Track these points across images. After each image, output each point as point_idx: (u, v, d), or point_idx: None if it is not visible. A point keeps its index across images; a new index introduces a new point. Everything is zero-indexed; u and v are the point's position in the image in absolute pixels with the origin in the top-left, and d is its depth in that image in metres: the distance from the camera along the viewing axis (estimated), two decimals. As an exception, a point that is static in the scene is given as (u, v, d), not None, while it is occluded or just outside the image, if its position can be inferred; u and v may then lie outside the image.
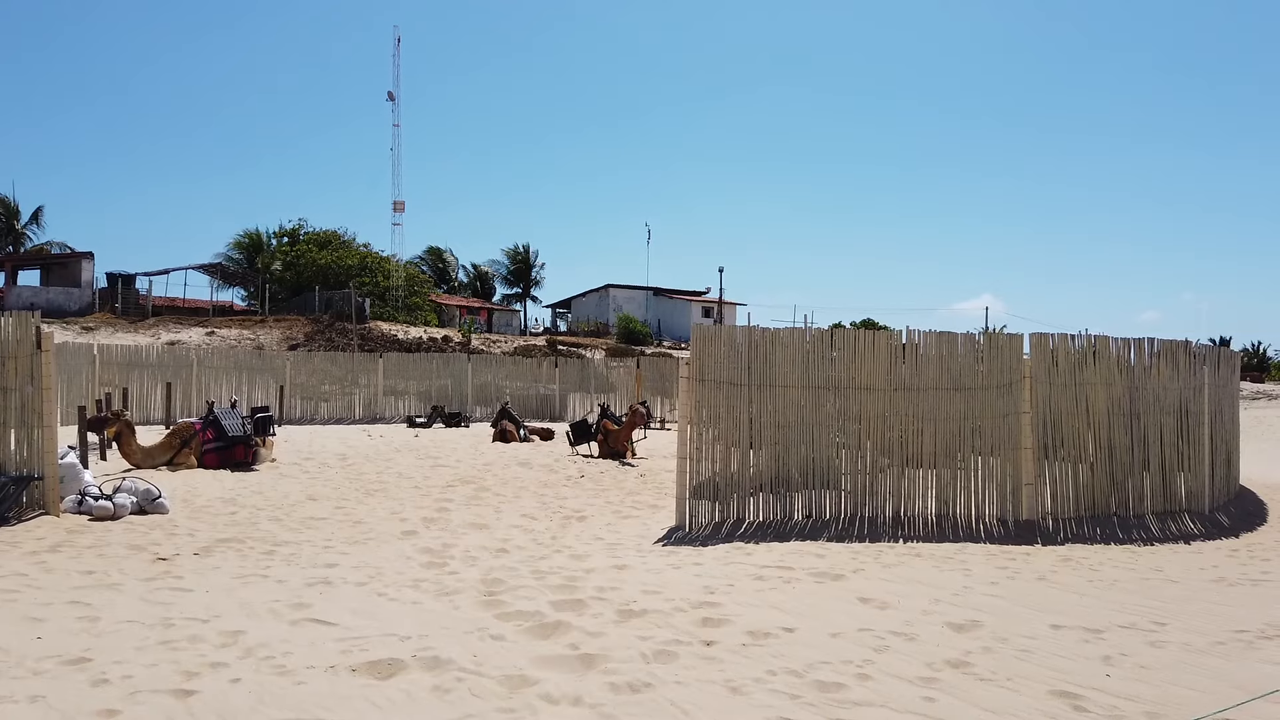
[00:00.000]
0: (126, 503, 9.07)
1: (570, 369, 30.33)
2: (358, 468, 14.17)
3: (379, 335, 40.71)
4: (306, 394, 26.60)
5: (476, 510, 10.08)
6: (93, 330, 37.19)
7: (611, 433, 16.62)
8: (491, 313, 58.90)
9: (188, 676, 4.21)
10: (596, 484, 12.78)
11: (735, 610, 5.64)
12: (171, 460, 13.12)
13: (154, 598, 5.78)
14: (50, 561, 6.91)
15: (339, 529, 8.69)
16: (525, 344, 45.17)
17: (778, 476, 9.10)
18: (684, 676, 4.36)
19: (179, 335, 37.95)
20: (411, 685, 4.19)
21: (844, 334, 9.50)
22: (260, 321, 42.47)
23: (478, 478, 13.13)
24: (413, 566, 6.96)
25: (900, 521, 9.05)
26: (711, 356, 9.07)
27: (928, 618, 5.62)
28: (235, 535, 8.20)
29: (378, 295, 48.99)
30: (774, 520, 8.93)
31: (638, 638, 5.01)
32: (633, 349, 45.11)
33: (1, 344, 9.12)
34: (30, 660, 4.41)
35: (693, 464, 8.89)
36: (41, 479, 8.93)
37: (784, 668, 4.53)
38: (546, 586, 6.25)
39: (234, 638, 4.86)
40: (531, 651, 4.75)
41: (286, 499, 10.59)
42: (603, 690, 4.16)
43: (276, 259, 52.49)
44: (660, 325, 58.98)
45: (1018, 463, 9.40)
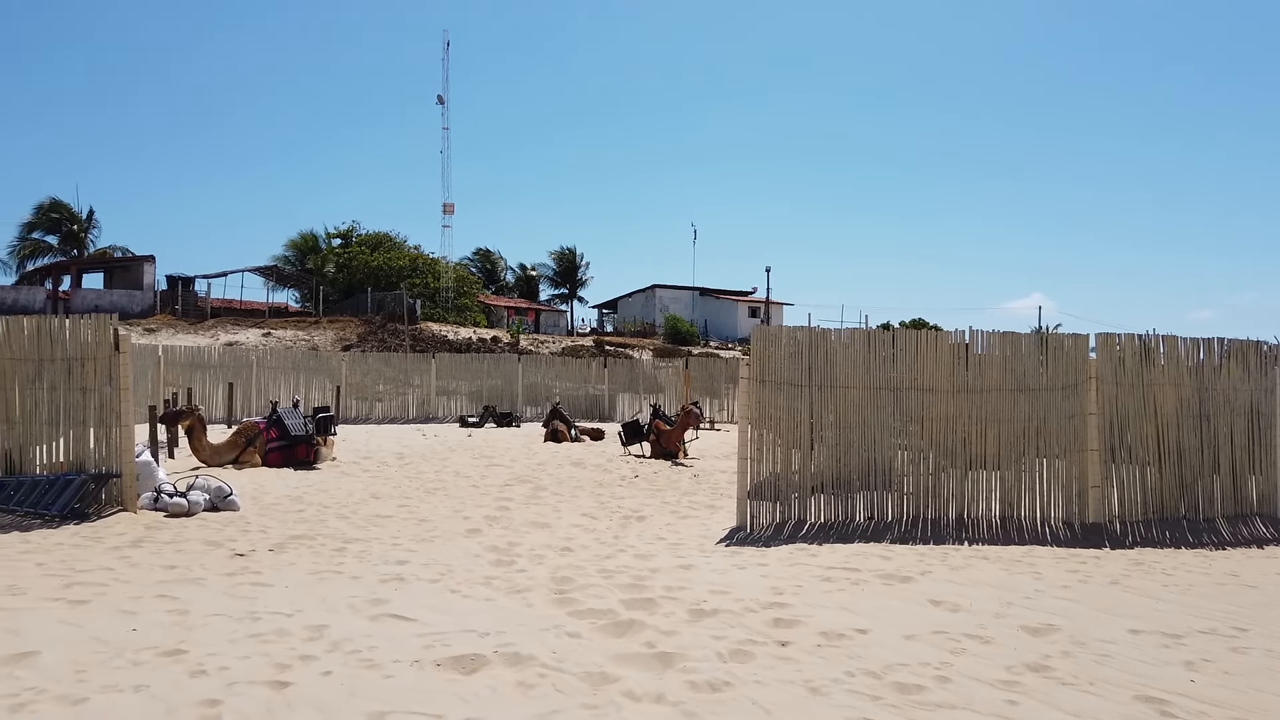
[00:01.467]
0: (200, 500, 9.33)
1: (619, 369, 30.44)
2: (416, 466, 14.39)
3: (429, 336, 41.21)
4: (361, 394, 27.04)
5: (536, 509, 10.19)
6: (154, 332, 38.19)
7: (664, 433, 16.66)
8: (539, 313, 59.33)
9: (280, 669, 4.34)
10: (651, 484, 12.83)
11: (806, 611, 5.65)
12: (237, 459, 13.44)
13: (237, 592, 5.96)
14: (134, 556, 7.14)
15: (405, 527, 8.85)
16: (573, 344, 45.41)
17: (838, 478, 9.07)
18: (763, 676, 4.39)
19: (236, 336, 38.80)
20: (495, 680, 4.27)
21: (905, 335, 9.44)
22: (314, 322, 43.26)
23: (533, 477, 13.25)
24: (482, 564, 7.07)
25: (964, 524, 8.97)
26: (772, 357, 9.08)
27: (1001, 621, 5.58)
28: (306, 532, 8.39)
29: (428, 296, 49.61)
30: (836, 522, 8.91)
31: (712, 637, 5.05)
32: (680, 349, 45.12)
33: (81, 346, 9.44)
34: (129, 652, 4.58)
35: (753, 465, 8.90)
36: (119, 476, 9.22)
37: (861, 669, 4.54)
38: (615, 585, 6.31)
39: (319, 632, 5.00)
40: (608, 649, 4.82)
41: (351, 497, 10.80)
42: (683, 688, 4.21)
43: (329, 261, 53.42)
44: (707, 325, 58.90)
45: (1084, 465, 9.26)
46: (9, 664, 4.39)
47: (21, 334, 9.74)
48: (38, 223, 53.41)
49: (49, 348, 9.56)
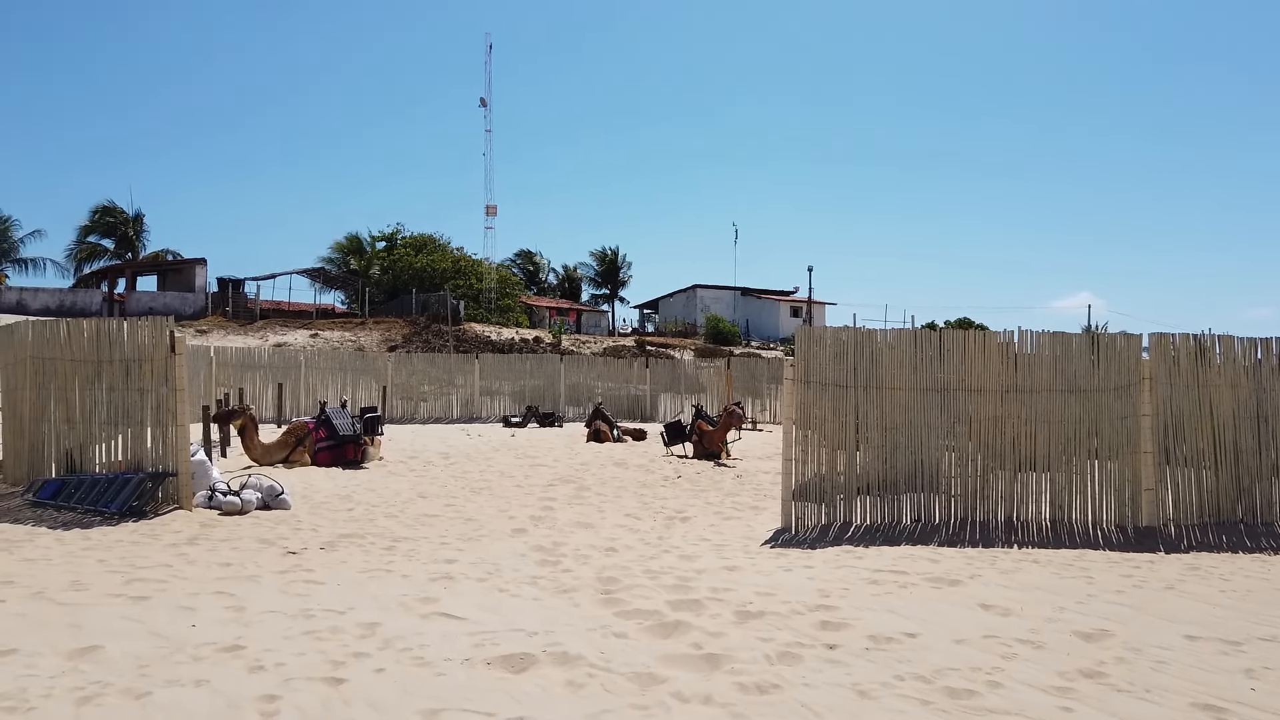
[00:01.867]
0: (253, 498, 9.52)
1: (660, 369, 30.44)
2: (461, 466, 14.54)
3: (472, 336, 41.59)
4: (406, 394, 27.36)
5: (580, 509, 10.25)
6: (206, 333, 39.02)
7: (706, 433, 16.64)
8: (580, 314, 59.56)
9: (335, 665, 4.43)
10: (694, 485, 12.83)
11: (853, 614, 5.62)
12: (287, 458, 13.69)
13: (290, 590, 6.08)
14: (190, 554, 7.32)
15: (452, 526, 8.95)
16: (614, 344, 45.53)
17: (884, 479, 9.00)
18: (811, 679, 4.38)
19: (285, 337, 39.48)
20: (544, 680, 4.32)
21: (952, 335, 9.34)
22: (360, 323, 43.88)
23: (577, 477, 13.31)
24: (528, 564, 7.13)
25: (1014, 526, 8.85)
26: (816, 358, 9.03)
27: (1054, 626, 5.50)
28: (355, 531, 8.53)
29: (471, 297, 50.09)
30: (882, 524, 8.84)
31: (759, 639, 5.04)
32: (721, 349, 45.01)
33: (139, 348, 9.69)
34: (189, 647, 4.70)
35: (798, 466, 8.87)
36: (176, 475, 9.44)
37: (911, 673, 4.50)
38: (661, 586, 6.33)
39: (371, 629, 5.09)
40: (656, 650, 4.84)
41: (398, 496, 10.95)
42: (731, 690, 4.22)
43: (375, 263, 54.15)
44: (748, 325, 58.69)
45: (1137, 467, 9.09)
46: (75, 658, 4.53)
47: (81, 336, 10.04)
48: (93, 226, 54.89)
49: (108, 349, 9.82)
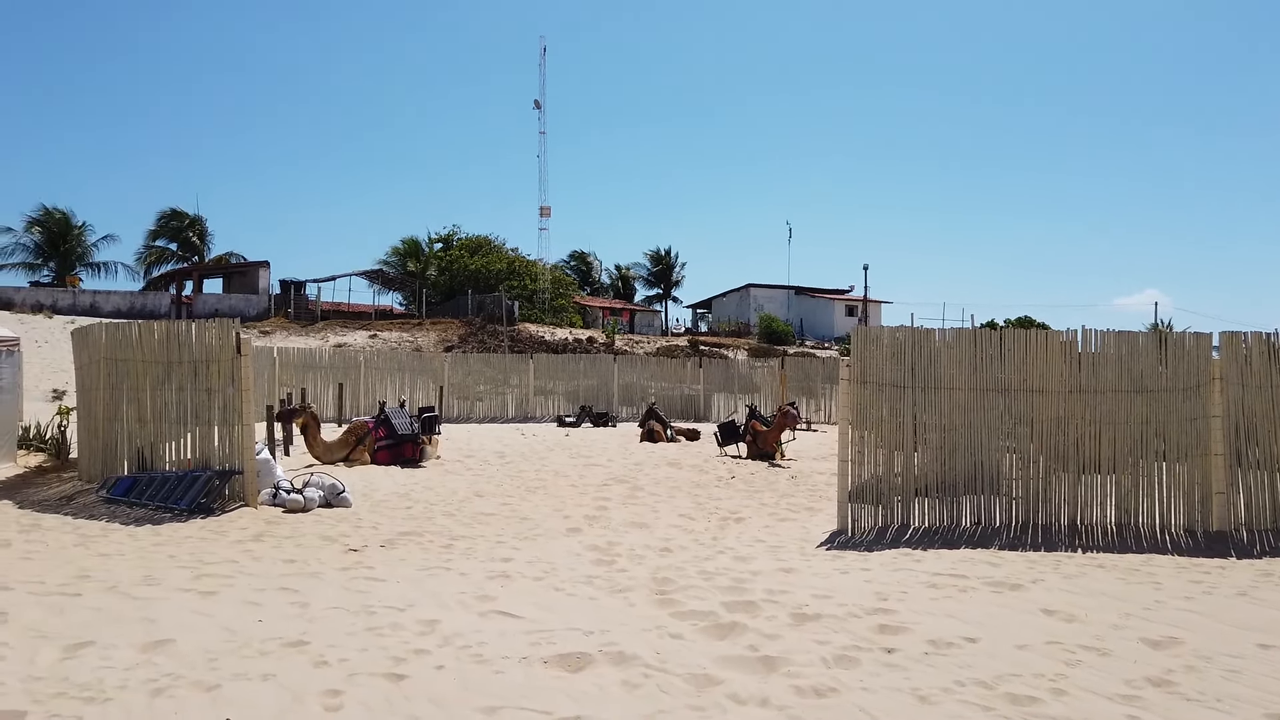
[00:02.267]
0: (315, 496, 9.73)
1: (714, 369, 30.36)
2: (516, 465, 14.67)
3: (527, 337, 41.94)
4: (462, 394, 27.69)
5: (634, 509, 10.27)
6: (269, 334, 39.96)
7: (760, 434, 16.54)
8: (633, 314, 59.68)
9: (396, 662, 4.51)
10: (748, 485, 12.77)
11: (912, 618, 5.56)
12: (348, 456, 13.95)
13: (352, 586, 6.20)
14: (255, 550, 7.51)
15: (508, 525, 9.05)
16: (667, 344, 45.53)
17: (943, 481, 8.87)
18: (869, 683, 4.34)
19: (345, 338, 40.26)
20: (601, 679, 4.35)
21: (1013, 334, 9.16)
22: (417, 324, 44.54)
23: (631, 477, 13.34)
24: (583, 563, 7.18)
25: (1077, 530, 8.66)
26: (873, 358, 8.94)
27: (1119, 632, 5.37)
28: (414, 529, 8.67)
29: (525, 298, 50.50)
30: (941, 526, 8.71)
31: (815, 642, 5.01)
32: (775, 349, 44.74)
33: (206, 349, 9.97)
34: (256, 642, 4.83)
35: (854, 467, 8.78)
36: (241, 473, 9.69)
37: (972, 678, 4.44)
38: (716, 587, 6.32)
39: (431, 626, 5.17)
40: (711, 651, 4.84)
41: (455, 495, 11.09)
42: (788, 693, 4.20)
43: (431, 264, 54.93)
44: (802, 324, 58.24)
45: (1206, 470, 8.82)
46: (148, 650, 4.68)
47: (152, 338, 10.36)
48: (160, 230, 56.56)
49: (177, 350, 10.13)
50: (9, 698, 3.98)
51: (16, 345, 12.95)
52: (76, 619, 5.26)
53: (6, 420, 12.62)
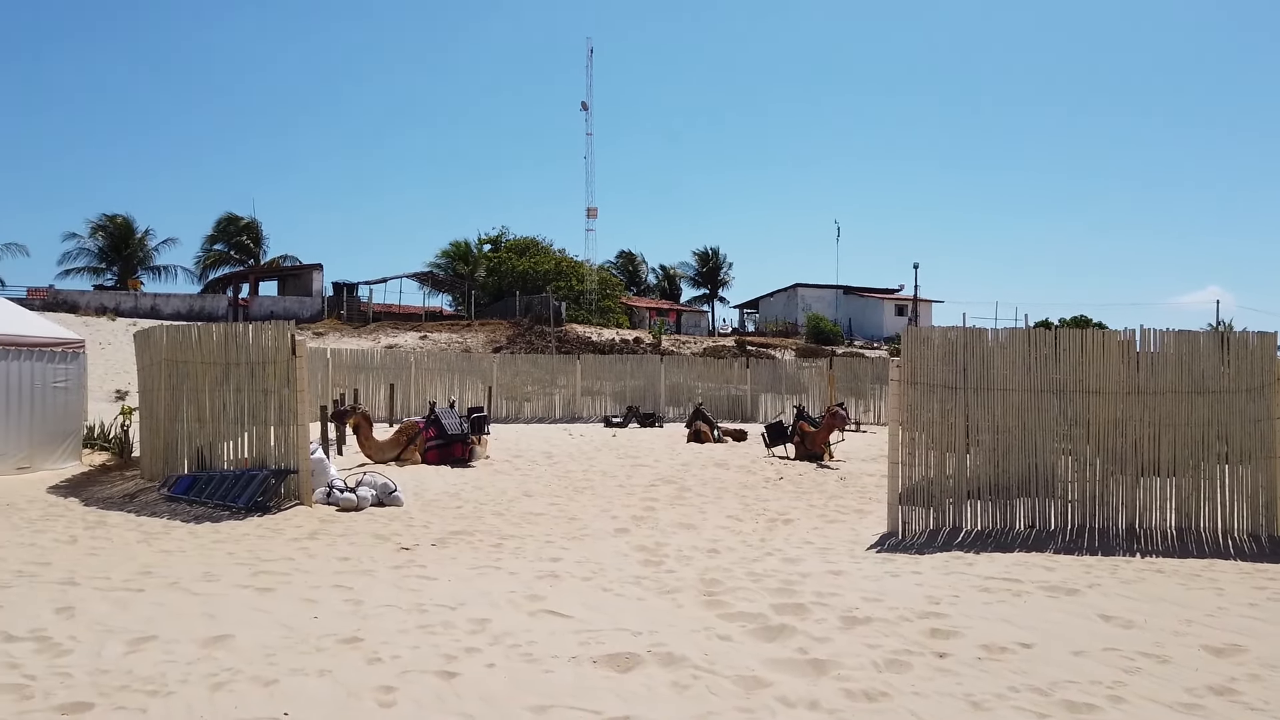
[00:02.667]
0: (368, 495, 9.90)
1: (761, 370, 30.23)
2: (564, 466, 14.75)
3: (574, 337, 42.14)
4: (510, 394, 27.92)
5: (682, 510, 10.27)
6: (322, 335, 40.69)
7: (808, 435, 16.43)
8: (680, 314, 59.63)
9: (448, 659, 4.57)
10: (797, 486, 12.69)
11: (964, 622, 5.48)
12: (399, 456, 14.16)
13: (404, 584, 6.30)
14: (311, 548, 7.66)
15: (556, 525, 9.10)
16: (714, 345, 45.43)
17: (996, 484, 8.73)
18: (921, 688, 4.29)
19: (395, 339, 40.83)
20: (650, 680, 4.36)
21: (1069, 334, 8.98)
22: (466, 325, 45.02)
23: (678, 478, 13.34)
24: (631, 564, 7.20)
25: (1135, 534, 8.46)
26: (924, 358, 8.83)
27: (1180, 639, 5.24)
28: (464, 528, 8.77)
29: (573, 299, 50.76)
30: (994, 529, 8.58)
31: (866, 645, 4.97)
32: (823, 349, 44.38)
33: (263, 351, 10.19)
34: (312, 638, 4.93)
35: (905, 469, 8.68)
36: (296, 472, 9.89)
37: (1026, 684, 4.36)
38: (764, 589, 6.30)
39: (481, 625, 5.23)
40: (760, 653, 4.82)
41: (504, 495, 11.19)
42: (838, 696, 4.17)
43: (480, 265, 55.48)
44: (851, 324, 57.68)
45: (1272, 473, 8.55)
46: (209, 645, 4.80)
47: (211, 340, 10.62)
48: (218, 235, 57.90)
49: (234, 352, 10.37)
50: (77, 690, 4.11)
51: (81, 347, 13.35)
52: (140, 614, 5.42)
53: (72, 420, 13.02)
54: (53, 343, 12.83)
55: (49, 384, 12.55)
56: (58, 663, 4.48)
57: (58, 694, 4.05)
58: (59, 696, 4.02)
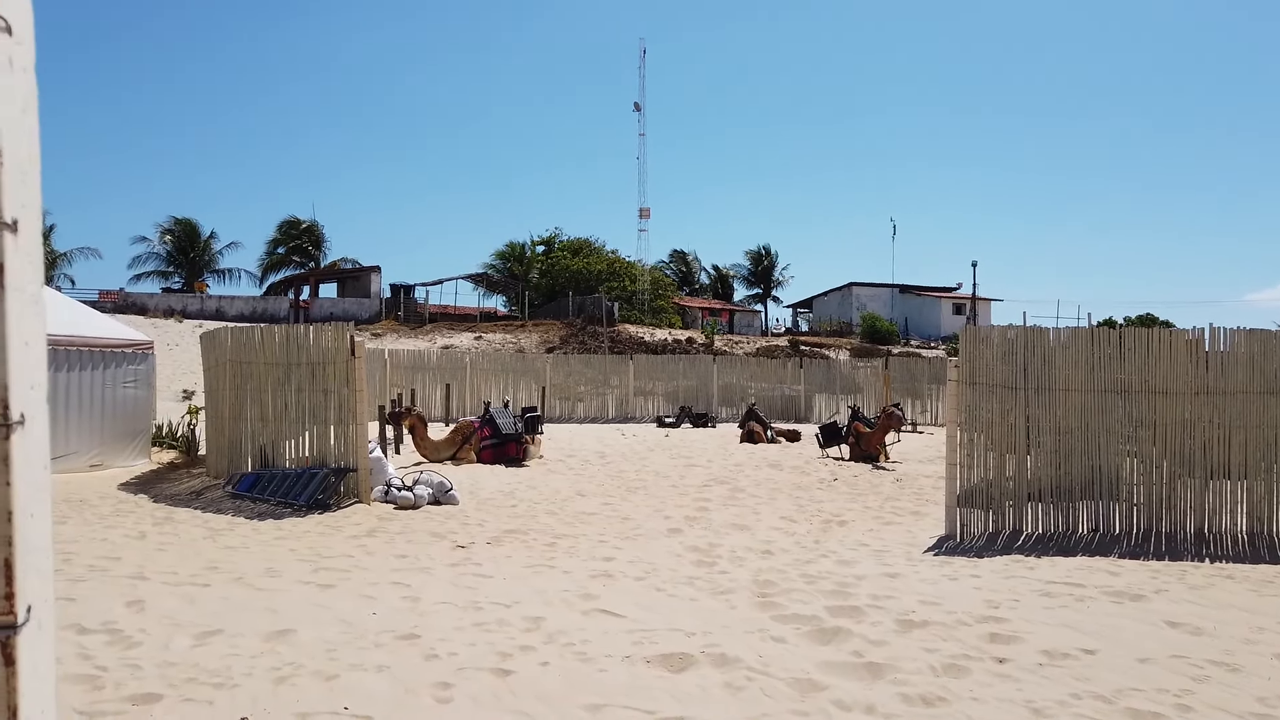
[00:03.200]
0: (424, 494, 10.04)
1: (815, 370, 29.98)
2: (617, 465, 14.80)
3: (626, 337, 42.25)
4: (563, 394, 28.10)
5: (735, 511, 10.24)
6: (380, 336, 41.38)
7: (864, 435, 16.24)
8: (732, 314, 59.42)
9: (503, 657, 4.62)
10: (852, 488, 12.56)
11: (1025, 627, 5.37)
12: (454, 455, 14.34)
13: (460, 582, 6.38)
14: (369, 545, 7.80)
15: (609, 524, 9.14)
16: (767, 344, 45.18)
17: (1058, 486, 8.55)
18: (980, 693, 4.22)
19: (451, 340, 41.36)
20: (704, 680, 4.35)
21: (1133, 333, 8.75)
22: (520, 326, 45.42)
23: (731, 478, 13.29)
24: (684, 564, 7.20)
25: (1204, 539, 8.21)
26: (982, 358, 8.67)
27: (1251, 648, 5.07)
28: (518, 527, 8.85)
29: (625, 299, 50.91)
30: (1055, 533, 8.40)
31: (923, 649, 4.90)
32: (878, 348, 43.85)
33: (323, 352, 10.40)
34: (371, 634, 5.03)
35: (963, 470, 8.54)
36: (355, 471, 10.07)
37: (1089, 691, 4.26)
38: (819, 591, 6.25)
39: (536, 623, 5.28)
40: (814, 656, 4.79)
41: (558, 494, 11.27)
42: (894, 700, 4.12)
43: (534, 267, 55.95)
44: (907, 323, 56.91)
45: (1351, 477, 8.24)
46: (272, 640, 4.92)
47: (273, 341, 10.88)
48: (280, 238, 59.24)
49: (296, 353, 10.61)
50: (146, 681, 4.25)
51: (150, 348, 13.78)
52: (206, 608, 5.57)
53: (142, 419, 13.44)
54: (123, 344, 13.26)
55: (120, 384, 12.96)
56: (128, 654, 4.63)
57: (128, 685, 4.19)
58: (129, 687, 4.15)
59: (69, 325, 12.62)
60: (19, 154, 0.72)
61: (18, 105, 0.73)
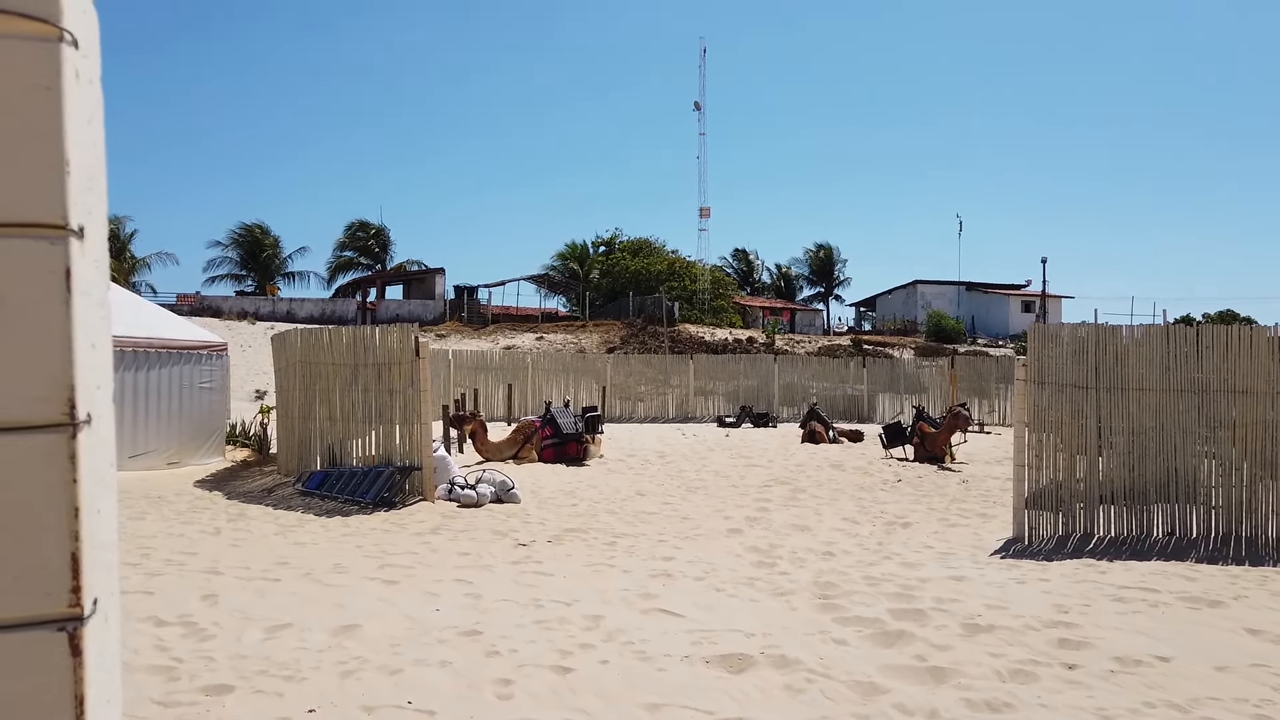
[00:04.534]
0: (487, 492, 10.17)
1: (878, 369, 29.56)
2: (677, 465, 14.79)
3: (687, 337, 42.20)
4: (624, 394, 28.19)
5: (796, 511, 10.15)
6: (444, 337, 42.03)
7: (928, 436, 15.96)
8: (794, 313, 58.92)
9: (563, 655, 4.66)
10: (916, 489, 12.35)
11: (1095, 633, 5.22)
12: (516, 454, 14.50)
13: (522, 580, 6.45)
14: (433, 543, 7.93)
15: (669, 524, 9.14)
16: (829, 344, 44.70)
17: (1131, 488, 8.29)
18: (1048, 700, 4.11)
19: (513, 340, 41.82)
20: (763, 681, 4.33)
21: (1212, 330, 8.44)
22: (581, 326, 45.69)
23: (792, 478, 13.18)
24: (744, 565, 7.16)
25: (1288, 544, 7.89)
26: (1052, 357, 8.46)
27: (1339, 659, 4.85)
28: (579, 526, 8.90)
29: (685, 299, 50.84)
30: (1128, 536, 8.14)
31: (988, 654, 4.80)
32: (944, 347, 43.06)
33: (389, 352, 10.60)
34: (434, 630, 5.11)
35: (1031, 472, 8.34)
36: (420, 469, 10.25)
37: (1163, 700, 4.13)
38: (881, 594, 6.16)
39: (595, 622, 5.30)
40: (876, 659, 4.72)
41: (618, 493, 11.31)
42: (958, 706, 4.04)
43: (594, 268, 56.23)
44: (974, 322, 55.76)
45: None
46: (339, 634, 5.03)
47: (340, 342, 11.12)
48: (348, 241, 60.54)
49: (363, 354, 10.83)
50: (219, 673, 4.38)
51: (225, 350, 14.21)
52: (277, 603, 5.72)
53: (216, 418, 13.87)
54: (199, 346, 13.70)
55: (196, 385, 13.39)
56: (202, 647, 4.78)
57: (202, 676, 4.32)
58: (203, 679, 4.29)
59: (149, 328, 13.09)
60: (85, 163, 0.75)
61: (84, 116, 0.76)
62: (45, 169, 0.71)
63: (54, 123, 0.71)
